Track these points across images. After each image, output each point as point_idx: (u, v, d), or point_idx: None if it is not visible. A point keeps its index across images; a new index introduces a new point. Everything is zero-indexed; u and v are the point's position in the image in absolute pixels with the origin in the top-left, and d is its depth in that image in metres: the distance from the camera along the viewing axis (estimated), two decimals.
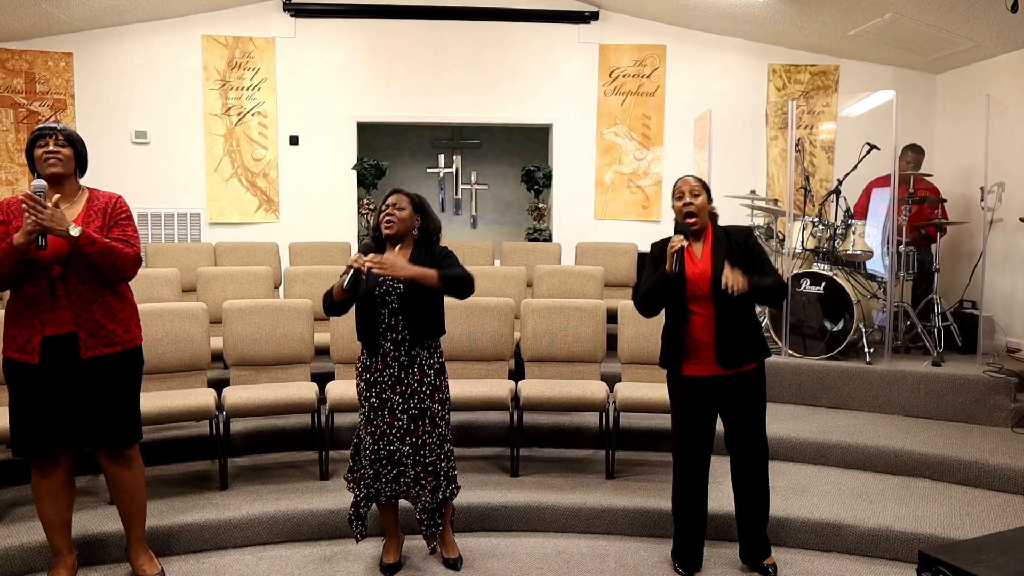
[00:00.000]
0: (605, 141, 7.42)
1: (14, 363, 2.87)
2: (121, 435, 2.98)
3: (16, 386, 2.89)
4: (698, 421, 3.21)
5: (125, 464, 3.03)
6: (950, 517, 3.60)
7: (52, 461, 2.92)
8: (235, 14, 7.10)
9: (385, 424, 3.14)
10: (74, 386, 2.88)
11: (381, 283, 3.12)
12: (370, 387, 3.16)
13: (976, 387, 4.79)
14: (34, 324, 2.83)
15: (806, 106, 7.36)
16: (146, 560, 3.15)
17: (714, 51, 7.37)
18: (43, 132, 2.90)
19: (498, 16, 7.27)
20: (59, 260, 2.83)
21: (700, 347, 3.15)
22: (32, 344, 2.82)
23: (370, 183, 7.33)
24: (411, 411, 3.14)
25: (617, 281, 6.32)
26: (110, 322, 2.92)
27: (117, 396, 2.96)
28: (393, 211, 3.16)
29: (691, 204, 3.15)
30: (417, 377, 3.15)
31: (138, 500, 3.10)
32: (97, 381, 2.90)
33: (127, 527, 3.13)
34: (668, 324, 3.25)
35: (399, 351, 3.14)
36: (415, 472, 3.16)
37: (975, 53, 6.41)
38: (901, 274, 5.51)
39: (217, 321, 4.38)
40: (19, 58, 6.75)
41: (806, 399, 5.13)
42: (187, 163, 7.11)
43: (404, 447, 3.14)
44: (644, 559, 3.46)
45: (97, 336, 2.88)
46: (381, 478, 3.17)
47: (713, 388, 3.18)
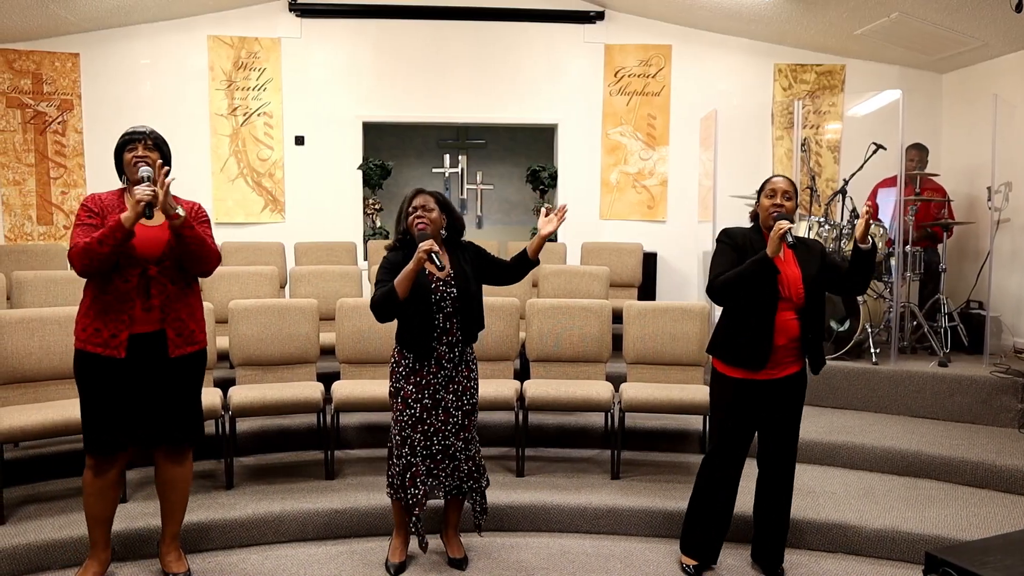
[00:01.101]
0: (610, 141, 7.42)
1: (97, 358, 2.87)
2: (191, 433, 3.08)
3: (95, 381, 2.90)
4: (742, 424, 3.17)
5: (182, 462, 3.11)
6: (957, 518, 3.59)
7: (111, 460, 2.95)
8: (241, 14, 7.12)
9: (440, 422, 3.16)
10: (157, 383, 2.94)
11: (435, 289, 3.12)
12: (421, 389, 3.15)
13: (983, 388, 4.78)
14: (123, 319, 2.86)
15: (812, 106, 7.34)
16: (175, 558, 3.18)
17: (720, 51, 7.36)
18: (133, 137, 2.96)
19: (503, 16, 7.26)
20: (153, 260, 2.89)
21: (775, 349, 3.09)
22: (119, 339, 2.85)
23: (375, 183, 7.34)
24: (465, 407, 3.21)
25: (622, 281, 6.32)
26: (192, 322, 3.02)
27: (192, 394, 3.07)
28: (424, 213, 3.15)
29: (782, 206, 3.09)
30: (466, 374, 3.22)
31: (184, 498, 3.18)
32: (179, 379, 2.99)
33: (167, 523, 3.17)
34: (743, 322, 3.10)
35: (453, 352, 3.17)
36: (468, 467, 3.23)
37: (982, 52, 6.38)
38: (907, 274, 5.50)
39: (223, 321, 4.39)
40: (26, 58, 6.77)
41: (812, 399, 5.11)
42: (193, 163, 7.12)
43: (458, 442, 3.19)
44: (649, 559, 3.46)
45: (183, 335, 2.97)
46: (436, 474, 3.19)
47: (761, 391, 3.14)
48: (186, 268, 3.00)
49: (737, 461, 3.22)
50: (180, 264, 2.97)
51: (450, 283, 3.15)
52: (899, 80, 7.05)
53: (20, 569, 3.19)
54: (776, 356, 3.09)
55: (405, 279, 3.02)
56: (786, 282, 3.08)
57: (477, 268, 3.28)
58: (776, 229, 2.99)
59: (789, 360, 3.14)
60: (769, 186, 3.17)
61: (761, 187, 3.21)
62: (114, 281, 2.85)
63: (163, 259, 2.91)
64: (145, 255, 2.88)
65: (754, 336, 3.08)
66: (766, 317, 3.06)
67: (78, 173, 6.94)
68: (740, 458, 3.22)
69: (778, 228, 2.98)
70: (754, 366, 3.09)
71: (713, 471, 3.23)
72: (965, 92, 6.89)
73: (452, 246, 3.26)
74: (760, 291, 3.05)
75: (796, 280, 3.10)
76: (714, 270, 3.14)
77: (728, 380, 3.17)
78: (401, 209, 3.23)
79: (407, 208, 3.19)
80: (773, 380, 3.13)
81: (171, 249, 2.93)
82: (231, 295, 4.94)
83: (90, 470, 2.95)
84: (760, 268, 3.00)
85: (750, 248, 3.09)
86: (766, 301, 3.06)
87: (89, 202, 2.93)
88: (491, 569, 3.35)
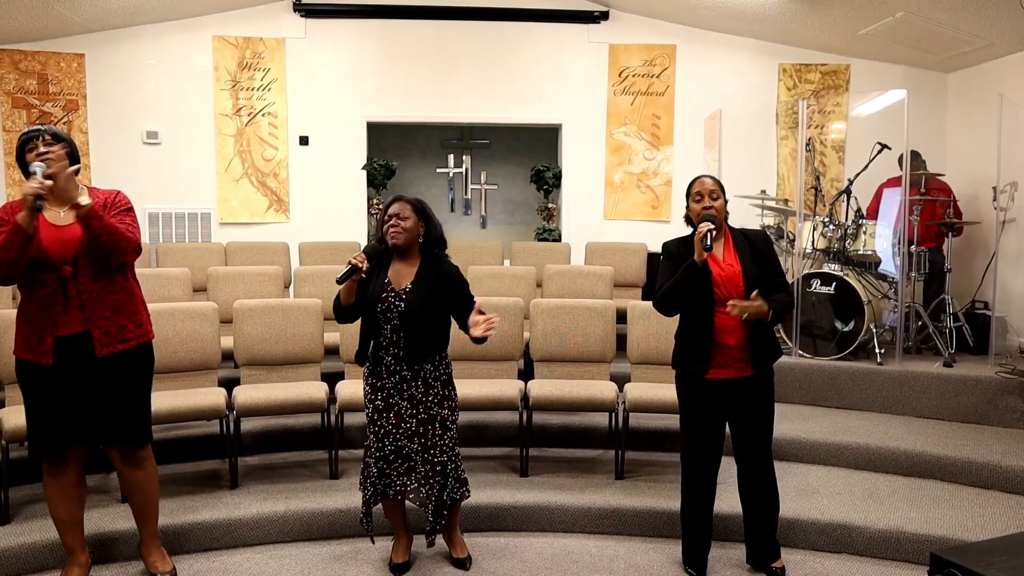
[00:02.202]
0: (615, 141, 7.41)
1: (28, 364, 2.88)
2: (134, 434, 3.00)
3: (31, 387, 2.90)
4: (708, 424, 3.18)
5: (138, 464, 3.05)
6: (962, 519, 3.58)
7: (62, 461, 2.93)
8: (245, 15, 7.13)
9: (391, 425, 3.15)
10: (89, 385, 2.90)
11: (383, 299, 3.12)
12: (376, 391, 3.18)
13: (988, 388, 4.76)
14: (46, 325, 2.83)
15: (816, 106, 7.33)
16: (158, 557, 3.17)
17: (724, 51, 7.35)
18: (30, 135, 2.86)
19: (508, 16, 7.27)
20: (68, 260, 2.84)
21: (722, 350, 3.10)
22: (45, 346, 2.83)
23: (380, 183, 7.35)
24: (420, 415, 3.16)
25: (627, 281, 6.32)
26: (121, 318, 2.93)
27: (131, 393, 2.99)
28: (398, 221, 3.13)
29: (711, 207, 3.11)
30: (422, 389, 3.16)
31: (151, 499, 3.12)
32: (112, 378, 2.92)
33: (140, 525, 3.15)
34: (688, 326, 3.17)
35: (400, 366, 3.14)
36: (424, 469, 3.17)
37: (987, 52, 6.37)
38: (912, 274, 5.48)
39: (228, 321, 4.40)
40: (32, 59, 6.80)
41: (816, 400, 5.11)
42: (198, 163, 7.14)
43: (413, 444, 3.16)
44: (653, 560, 3.45)
45: (110, 334, 2.89)
46: (388, 474, 3.18)
47: (725, 391, 3.15)
48: (101, 261, 2.87)
49: (707, 463, 3.21)
50: (99, 262, 2.87)
51: (401, 296, 3.12)
52: (904, 80, 7.03)
53: (25, 568, 3.20)
54: (726, 356, 3.10)
55: (343, 290, 3.14)
56: (722, 282, 3.08)
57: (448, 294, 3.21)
58: (697, 234, 3.04)
59: (741, 359, 3.12)
60: (695, 189, 3.18)
61: (688, 190, 3.22)
62: (35, 287, 2.83)
63: (77, 258, 2.84)
64: (59, 256, 2.82)
65: (696, 339, 3.13)
66: (705, 319, 3.10)
67: (83, 173, 6.95)
68: (710, 460, 3.21)
69: (698, 233, 3.03)
70: (699, 369, 3.12)
71: (691, 473, 3.23)
72: (970, 92, 6.88)
73: (426, 259, 3.21)
74: (696, 295, 3.08)
75: (734, 276, 3.10)
76: (656, 284, 3.22)
77: (687, 379, 3.19)
78: (380, 216, 3.23)
79: (383, 216, 3.19)
80: (733, 380, 3.12)
81: (85, 245, 2.84)
82: (235, 295, 4.95)
83: (46, 473, 2.94)
84: (690, 274, 3.05)
85: (684, 256, 3.11)
86: (702, 303, 3.09)
87: (1, 211, 2.87)
88: (494, 569, 3.35)
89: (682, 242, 3.20)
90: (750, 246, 3.16)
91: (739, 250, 3.15)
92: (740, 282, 3.08)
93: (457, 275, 3.25)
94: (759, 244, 3.19)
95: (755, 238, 3.21)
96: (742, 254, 3.13)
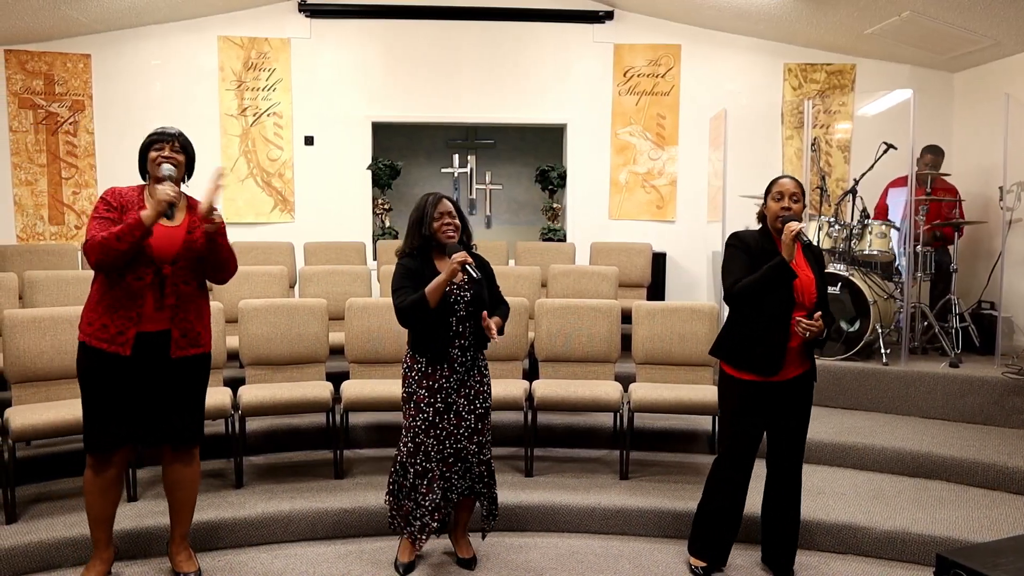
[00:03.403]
0: (620, 141, 7.41)
1: (101, 354, 2.87)
2: (193, 433, 3.08)
3: (97, 377, 2.89)
4: (752, 426, 3.16)
5: (189, 462, 3.12)
6: (968, 520, 3.57)
7: (109, 459, 2.96)
8: (251, 15, 7.14)
9: (452, 426, 3.16)
10: (158, 383, 2.94)
11: (450, 292, 3.12)
12: (434, 393, 3.14)
13: (994, 389, 4.75)
14: (132, 317, 2.86)
15: (822, 105, 7.31)
16: (185, 558, 3.19)
17: (729, 50, 7.34)
18: (162, 137, 2.99)
19: (512, 16, 7.26)
20: (168, 260, 2.90)
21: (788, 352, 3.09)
22: (126, 336, 2.85)
23: (385, 183, 7.35)
24: (478, 411, 3.20)
25: (631, 281, 6.31)
26: (199, 324, 3.02)
27: (193, 396, 3.06)
28: (451, 220, 3.19)
29: (790, 209, 3.08)
30: (478, 379, 3.22)
31: (192, 497, 3.18)
32: (180, 381, 2.99)
33: (175, 523, 3.18)
34: (759, 326, 3.08)
35: (465, 356, 3.17)
36: (479, 470, 3.22)
37: (994, 51, 6.34)
38: (918, 274, 5.47)
39: (233, 320, 4.41)
40: (38, 59, 6.82)
41: (822, 400, 5.10)
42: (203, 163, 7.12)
43: (471, 445, 3.19)
44: (658, 560, 3.45)
45: (187, 337, 2.97)
46: (448, 478, 3.18)
47: (769, 394, 3.13)
48: (207, 273, 3.02)
49: (746, 464, 3.20)
50: (194, 266, 2.98)
51: (464, 287, 3.15)
52: (910, 79, 7.01)
53: (31, 567, 3.22)
54: (787, 359, 3.09)
55: (437, 289, 3.03)
56: (801, 287, 3.07)
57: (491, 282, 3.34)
58: (787, 231, 2.99)
59: (798, 361, 3.13)
60: (776, 188, 3.14)
61: (768, 188, 3.19)
62: (127, 278, 2.85)
63: (178, 259, 2.92)
64: (161, 254, 2.88)
65: (770, 342, 3.06)
66: (782, 323, 3.05)
67: (89, 174, 6.98)
68: (749, 461, 3.20)
69: (789, 230, 2.98)
70: (768, 372, 3.08)
71: (723, 474, 3.22)
72: (977, 91, 6.85)
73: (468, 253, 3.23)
74: (777, 296, 3.04)
75: (810, 284, 3.10)
76: (729, 276, 3.12)
77: (736, 383, 3.15)
78: (424, 214, 3.19)
79: (432, 213, 3.18)
80: (781, 382, 3.12)
81: (186, 250, 2.93)
82: (241, 295, 4.96)
83: (90, 468, 2.96)
84: (778, 274, 2.99)
85: (761, 251, 3.07)
86: (782, 307, 3.04)
87: (109, 195, 2.92)
88: (500, 569, 3.35)
89: (759, 236, 3.15)
90: (813, 257, 3.18)
91: (809, 260, 3.16)
92: (814, 290, 3.09)
93: (489, 266, 3.37)
94: (820, 257, 3.22)
95: (817, 251, 3.23)
96: (812, 264, 3.15)
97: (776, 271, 2.99)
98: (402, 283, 3.13)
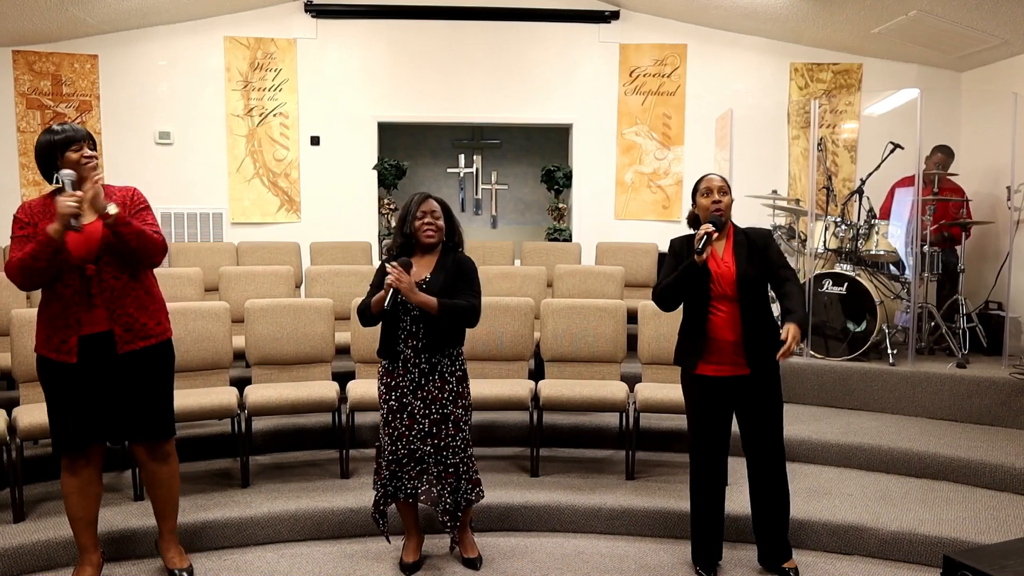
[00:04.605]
0: (625, 141, 7.40)
1: (51, 363, 2.89)
2: (159, 429, 3.04)
3: (54, 385, 2.91)
4: (714, 422, 3.18)
5: (163, 459, 3.09)
6: (975, 521, 3.55)
7: (83, 459, 2.95)
8: (257, 16, 7.16)
9: (404, 427, 3.15)
10: (112, 382, 2.92)
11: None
12: (390, 391, 3.18)
13: (1002, 389, 4.73)
14: (70, 324, 2.85)
15: (828, 105, 7.30)
16: (176, 554, 3.19)
17: (735, 50, 7.33)
18: (75, 136, 2.87)
19: (518, 16, 7.27)
20: (90, 259, 2.86)
21: (719, 346, 3.13)
22: (69, 344, 2.85)
23: (390, 183, 7.36)
24: (433, 415, 3.16)
25: (637, 281, 6.30)
26: (143, 316, 2.96)
27: (153, 389, 3.02)
28: (433, 221, 3.17)
29: (720, 202, 3.18)
30: (438, 384, 3.17)
31: (173, 494, 3.16)
32: (134, 375, 2.95)
33: (160, 520, 3.17)
34: (686, 322, 3.25)
35: (419, 358, 3.15)
36: (437, 471, 3.18)
37: (1001, 50, 6.32)
38: (925, 275, 5.45)
39: (239, 320, 4.42)
40: (46, 60, 6.85)
41: (828, 400, 5.09)
42: (209, 163, 7.18)
43: (426, 447, 3.16)
44: (664, 560, 3.45)
45: (132, 331, 2.92)
46: (400, 476, 3.19)
47: (729, 388, 3.17)
48: (128, 263, 2.91)
49: (714, 462, 3.21)
50: (122, 258, 2.90)
51: (420, 286, 3.12)
52: (917, 79, 7.00)
53: (38, 565, 3.23)
54: (722, 353, 3.13)
55: (377, 303, 3.10)
56: (719, 279, 3.14)
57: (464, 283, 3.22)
58: (697, 237, 3.10)
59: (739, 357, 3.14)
60: (704, 184, 3.24)
61: (695, 187, 3.28)
62: (56, 288, 2.84)
63: (101, 255, 2.86)
64: (81, 256, 2.83)
65: (686, 335, 3.23)
66: (699, 314, 3.17)
67: None
68: (717, 459, 3.22)
69: (698, 235, 3.10)
70: (691, 361, 3.18)
71: (698, 471, 3.24)
72: (984, 91, 6.82)
73: (447, 252, 3.25)
74: (694, 291, 3.17)
75: (730, 275, 3.14)
76: (658, 278, 3.31)
77: (693, 378, 3.22)
78: (407, 212, 3.20)
79: (415, 212, 3.18)
80: (740, 377, 3.14)
81: (108, 244, 2.86)
82: (247, 295, 4.97)
83: (65, 470, 2.95)
84: (687, 273, 3.12)
85: (688, 254, 3.16)
86: (698, 299, 3.17)
87: (20, 213, 2.88)
88: (505, 569, 3.35)
89: (687, 240, 3.25)
90: (748, 244, 3.21)
91: (737, 249, 3.19)
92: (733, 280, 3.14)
93: (470, 269, 3.27)
94: (758, 241, 3.23)
95: (755, 235, 3.26)
96: (739, 252, 3.18)
97: (686, 271, 3.12)
98: (373, 281, 3.23)
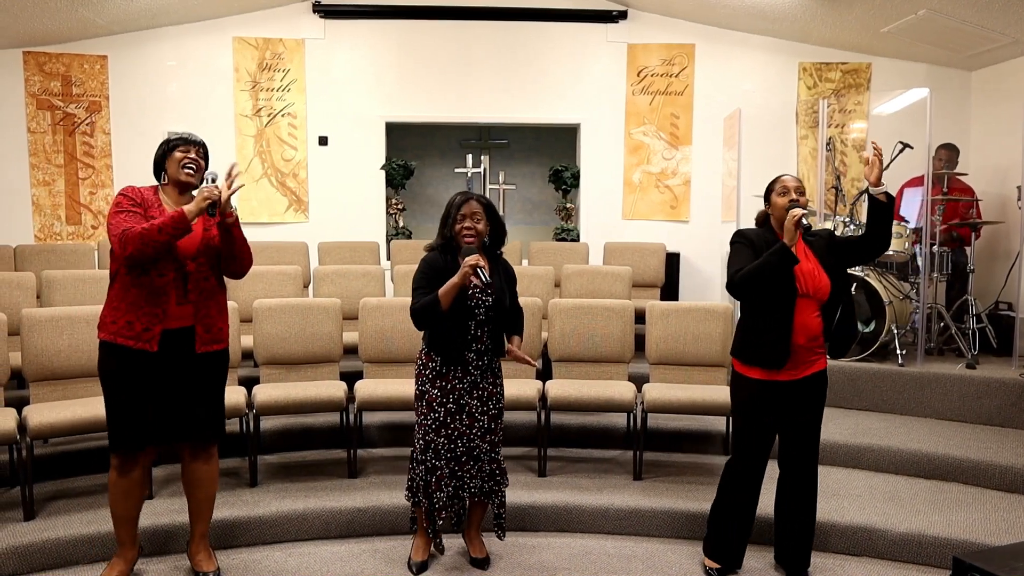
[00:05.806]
0: (633, 141, 7.39)
1: (127, 351, 2.87)
2: (213, 430, 3.09)
3: (122, 375, 2.89)
4: (768, 423, 3.15)
5: (208, 459, 3.13)
6: (985, 523, 3.54)
7: (133, 461, 2.97)
8: (265, 16, 7.18)
9: (464, 426, 3.16)
10: (182, 380, 2.96)
11: (471, 296, 3.11)
12: (447, 394, 3.15)
13: (1012, 390, 4.70)
14: (157, 314, 2.87)
15: (837, 105, 7.27)
16: (205, 557, 3.20)
17: (743, 50, 7.31)
18: (188, 140, 3.04)
19: (526, 16, 7.27)
20: (190, 256, 2.93)
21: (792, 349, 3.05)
22: (152, 332, 2.87)
23: (398, 183, 7.37)
24: (491, 412, 3.21)
25: (645, 281, 6.30)
26: (220, 320, 3.05)
27: (215, 391, 3.09)
28: (473, 224, 3.14)
29: (797, 201, 3.06)
30: (491, 381, 3.22)
31: (211, 495, 3.19)
32: (203, 375, 3.01)
33: (195, 521, 3.19)
34: (764, 319, 3.07)
35: (481, 360, 3.17)
36: (491, 468, 3.23)
37: (1012, 49, 6.29)
38: (935, 275, 5.43)
39: (247, 320, 4.43)
40: (56, 61, 6.88)
41: (837, 401, 5.07)
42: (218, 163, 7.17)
43: (484, 444, 3.19)
44: (672, 560, 3.44)
45: (211, 332, 3.00)
46: (460, 476, 3.18)
47: (781, 393, 3.11)
48: (224, 268, 3.05)
49: (759, 464, 3.19)
50: (213, 262, 3.02)
51: (487, 291, 3.14)
52: (927, 78, 6.96)
53: (49, 564, 3.24)
54: (797, 355, 3.06)
55: (449, 292, 3.03)
56: (803, 277, 3.04)
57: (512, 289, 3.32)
58: (790, 216, 2.97)
59: (810, 360, 3.11)
60: (780, 185, 3.14)
61: (770, 187, 3.19)
62: (150, 275, 2.86)
63: (199, 255, 2.95)
64: (183, 251, 2.91)
65: (774, 334, 3.04)
66: (785, 313, 3.03)
67: (106, 174, 7.04)
68: (762, 461, 3.19)
69: (792, 215, 2.97)
70: (773, 365, 3.06)
71: (735, 475, 3.21)
72: (994, 90, 6.79)
73: (491, 256, 3.24)
74: (778, 286, 3.01)
75: (814, 274, 3.06)
76: (732, 267, 3.11)
77: (748, 381, 3.14)
78: (448, 213, 3.18)
79: (455, 215, 3.15)
80: (794, 381, 3.10)
81: (206, 246, 2.97)
82: (255, 294, 4.99)
83: (115, 470, 2.97)
84: (778, 258, 2.96)
85: (765, 245, 3.06)
86: (784, 296, 3.02)
87: (130, 192, 2.94)
88: (513, 569, 3.35)
89: (760, 233, 3.15)
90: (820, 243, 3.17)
91: (814, 249, 3.14)
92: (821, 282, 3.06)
93: (511, 270, 3.35)
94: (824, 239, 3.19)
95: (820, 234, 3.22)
96: (818, 251, 3.13)
97: (776, 256, 2.96)
98: (420, 283, 3.13)
